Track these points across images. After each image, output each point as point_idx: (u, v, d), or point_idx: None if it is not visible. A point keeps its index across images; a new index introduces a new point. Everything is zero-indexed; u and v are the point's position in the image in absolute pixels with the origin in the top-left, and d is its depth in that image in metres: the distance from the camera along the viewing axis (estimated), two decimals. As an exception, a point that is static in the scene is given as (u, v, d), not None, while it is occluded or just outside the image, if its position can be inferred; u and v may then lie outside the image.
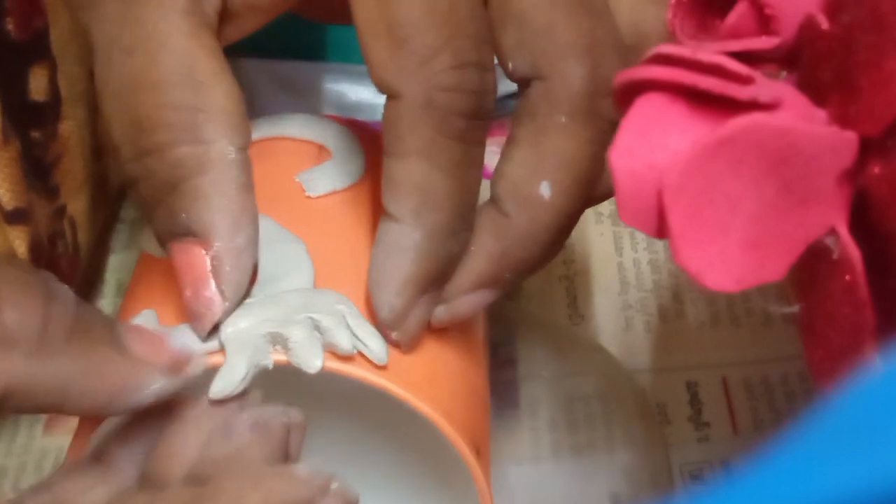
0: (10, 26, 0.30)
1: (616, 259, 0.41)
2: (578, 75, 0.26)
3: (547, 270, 0.41)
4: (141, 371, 0.24)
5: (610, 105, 0.26)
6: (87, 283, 0.39)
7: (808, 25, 0.22)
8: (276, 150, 0.31)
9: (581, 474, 0.35)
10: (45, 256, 0.32)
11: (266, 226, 0.28)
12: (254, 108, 0.38)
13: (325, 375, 0.26)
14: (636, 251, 0.41)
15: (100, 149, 0.36)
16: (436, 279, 0.26)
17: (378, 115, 0.35)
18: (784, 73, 0.23)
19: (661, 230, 0.21)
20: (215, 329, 0.26)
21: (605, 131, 0.26)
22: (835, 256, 0.20)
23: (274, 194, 0.29)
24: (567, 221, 0.27)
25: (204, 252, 0.25)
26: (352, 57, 0.44)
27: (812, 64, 0.22)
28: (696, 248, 0.20)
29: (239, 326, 0.25)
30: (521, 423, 0.36)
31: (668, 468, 0.35)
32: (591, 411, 0.36)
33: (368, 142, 0.31)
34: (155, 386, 0.24)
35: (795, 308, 0.22)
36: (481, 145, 0.26)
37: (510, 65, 0.27)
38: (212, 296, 0.25)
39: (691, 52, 0.21)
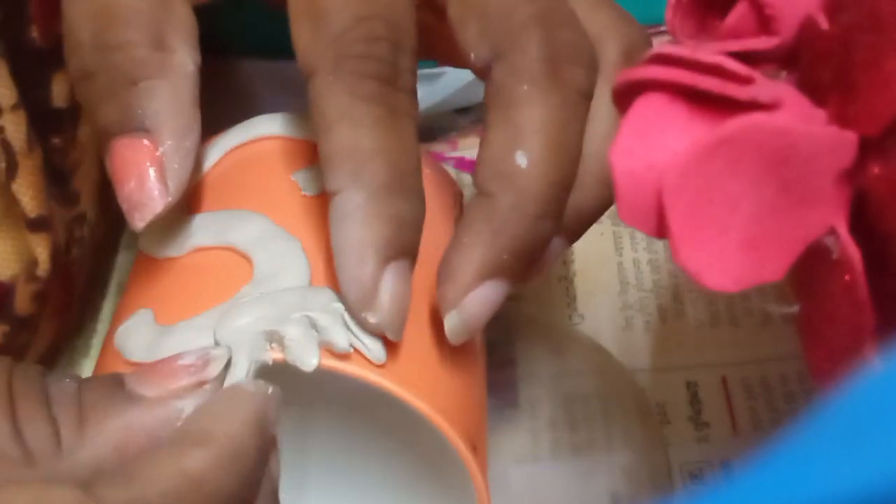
0: (34, 34, 0.30)
1: (616, 259, 0.41)
2: (535, 41, 0.26)
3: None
4: (164, 412, 0.24)
5: (576, 73, 0.27)
6: (91, 285, 0.39)
7: (807, 26, 0.22)
8: (272, 149, 0.31)
9: (581, 474, 0.35)
10: (62, 263, 0.32)
11: (261, 224, 0.28)
12: (254, 108, 0.38)
13: (323, 374, 0.26)
14: (636, 251, 0.41)
15: None
16: (395, 245, 0.26)
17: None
18: (784, 73, 0.23)
19: (660, 230, 0.21)
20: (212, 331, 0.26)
21: (574, 99, 0.27)
22: (834, 256, 0.20)
23: (269, 193, 0.29)
24: (553, 190, 0.26)
25: (153, 148, 0.26)
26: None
27: (811, 64, 0.22)
28: (695, 248, 0.20)
29: (235, 325, 0.25)
30: (521, 423, 0.36)
31: (668, 468, 0.35)
32: (590, 411, 0.36)
33: None
34: (188, 409, 0.24)
35: (795, 308, 0.22)
36: (409, 116, 0.26)
37: (473, 56, 0.27)
38: (156, 187, 0.26)
39: (691, 53, 0.21)
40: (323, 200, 0.29)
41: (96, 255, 0.36)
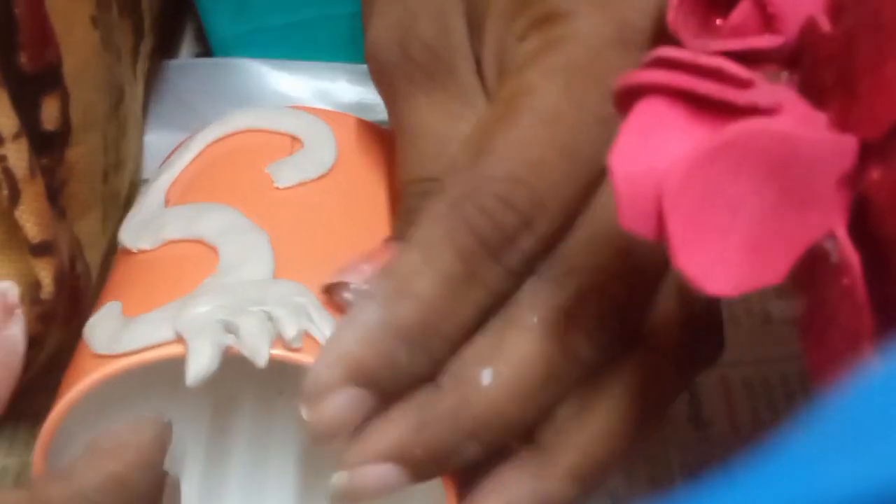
0: (23, 59, 0.30)
1: (616, 258, 0.41)
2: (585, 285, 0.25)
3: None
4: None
5: (582, 342, 0.26)
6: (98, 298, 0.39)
7: (809, 28, 0.22)
8: (248, 141, 0.31)
9: (581, 474, 0.35)
10: (68, 282, 0.32)
11: (230, 217, 0.28)
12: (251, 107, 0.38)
13: (285, 368, 0.26)
14: (636, 251, 0.41)
15: (118, 165, 0.36)
16: (371, 381, 0.25)
17: (376, 115, 0.35)
18: (785, 74, 0.23)
19: (660, 234, 0.21)
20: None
21: (570, 361, 0.26)
22: (834, 260, 0.20)
23: (242, 186, 0.30)
24: (498, 420, 0.25)
25: None
26: (351, 57, 0.44)
27: (813, 66, 0.22)
28: (695, 252, 0.20)
29: (192, 314, 0.26)
30: (521, 422, 0.36)
31: (668, 467, 0.35)
32: (591, 411, 0.36)
33: (342, 132, 0.31)
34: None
35: (795, 308, 0.23)
36: (484, 290, 0.25)
37: None
38: None
39: (691, 56, 0.21)
40: (295, 193, 0.29)
41: (103, 269, 0.36)
